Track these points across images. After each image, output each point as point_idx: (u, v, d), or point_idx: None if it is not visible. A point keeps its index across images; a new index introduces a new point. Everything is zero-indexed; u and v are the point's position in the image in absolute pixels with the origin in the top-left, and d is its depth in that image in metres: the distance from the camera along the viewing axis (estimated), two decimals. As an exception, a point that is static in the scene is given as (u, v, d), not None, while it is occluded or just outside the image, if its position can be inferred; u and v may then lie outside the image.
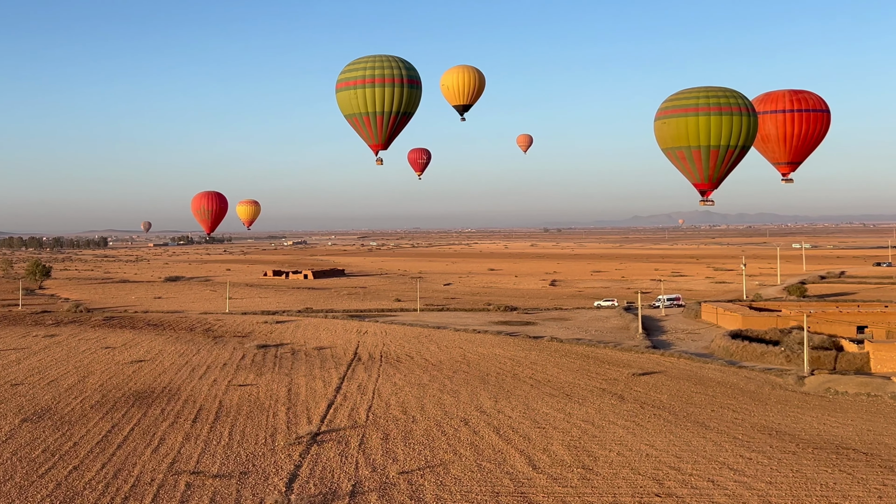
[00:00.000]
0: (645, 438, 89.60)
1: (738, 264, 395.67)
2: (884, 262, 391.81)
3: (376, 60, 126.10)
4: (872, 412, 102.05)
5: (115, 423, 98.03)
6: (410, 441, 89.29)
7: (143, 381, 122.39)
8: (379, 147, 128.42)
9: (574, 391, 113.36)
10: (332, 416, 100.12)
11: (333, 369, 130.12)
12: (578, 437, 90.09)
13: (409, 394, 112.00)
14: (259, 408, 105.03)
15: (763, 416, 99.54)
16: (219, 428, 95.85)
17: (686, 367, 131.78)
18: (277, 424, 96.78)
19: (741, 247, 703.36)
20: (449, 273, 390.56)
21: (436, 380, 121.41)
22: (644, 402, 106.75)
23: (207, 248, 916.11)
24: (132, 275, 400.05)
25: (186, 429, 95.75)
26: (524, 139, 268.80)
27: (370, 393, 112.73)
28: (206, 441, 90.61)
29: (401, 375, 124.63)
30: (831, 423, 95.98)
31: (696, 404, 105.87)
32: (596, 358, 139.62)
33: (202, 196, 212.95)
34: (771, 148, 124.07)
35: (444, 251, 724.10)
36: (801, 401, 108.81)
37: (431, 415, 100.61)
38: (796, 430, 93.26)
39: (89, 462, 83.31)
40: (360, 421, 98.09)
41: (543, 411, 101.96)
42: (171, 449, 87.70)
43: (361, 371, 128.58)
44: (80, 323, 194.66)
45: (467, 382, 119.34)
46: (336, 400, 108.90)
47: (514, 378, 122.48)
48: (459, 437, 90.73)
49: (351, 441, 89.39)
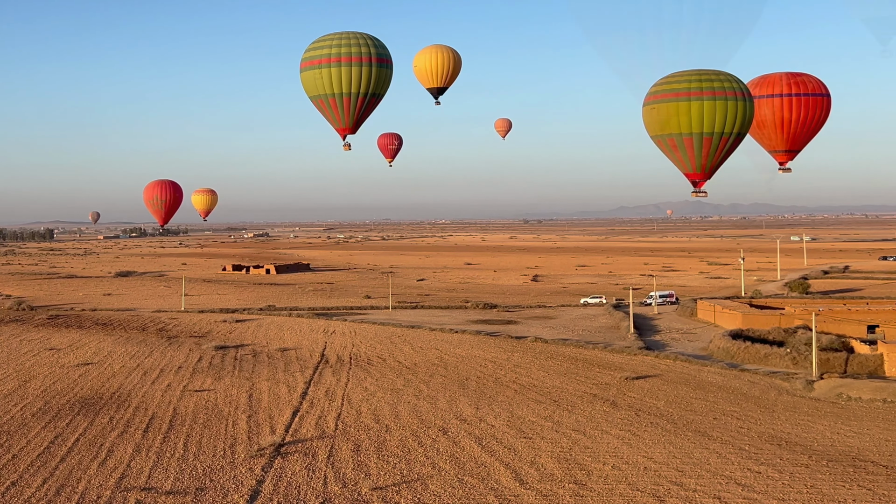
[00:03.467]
0: (642, 450, 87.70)
1: (733, 258, 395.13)
2: (890, 256, 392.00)
3: (343, 37, 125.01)
4: (889, 420, 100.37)
5: (59, 434, 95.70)
6: (384, 453, 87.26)
7: (90, 386, 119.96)
8: (346, 131, 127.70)
9: (562, 397, 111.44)
10: (298, 425, 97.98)
11: (299, 373, 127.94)
12: (569, 449, 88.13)
13: (382, 400, 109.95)
14: (217, 416, 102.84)
15: (770, 425, 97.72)
16: (173, 438, 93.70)
17: (683, 370, 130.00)
18: (237, 434, 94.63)
19: (736, 239, 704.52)
20: (423, 268, 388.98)
21: (410, 384, 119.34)
22: (639, 409, 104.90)
23: (161, 241, 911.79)
24: (80, 269, 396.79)
25: (137, 439, 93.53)
26: (503, 124, 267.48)
27: (339, 399, 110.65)
28: (158, 453, 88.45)
29: (373, 380, 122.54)
30: (845, 433, 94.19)
31: (696, 411, 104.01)
32: (585, 360, 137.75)
33: (155, 185, 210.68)
34: (767, 135, 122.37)
35: (417, 244, 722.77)
36: (810, 407, 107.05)
37: (407, 423, 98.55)
38: (807, 440, 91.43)
39: (29, 477, 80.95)
40: (328, 430, 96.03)
41: (530, 419, 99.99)
42: (119, 462, 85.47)
43: (329, 375, 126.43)
44: (21, 322, 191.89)
45: (445, 387, 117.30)
46: (302, 407, 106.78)
47: (497, 382, 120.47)
48: (438, 448, 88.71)
49: (319, 453, 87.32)
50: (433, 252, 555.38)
